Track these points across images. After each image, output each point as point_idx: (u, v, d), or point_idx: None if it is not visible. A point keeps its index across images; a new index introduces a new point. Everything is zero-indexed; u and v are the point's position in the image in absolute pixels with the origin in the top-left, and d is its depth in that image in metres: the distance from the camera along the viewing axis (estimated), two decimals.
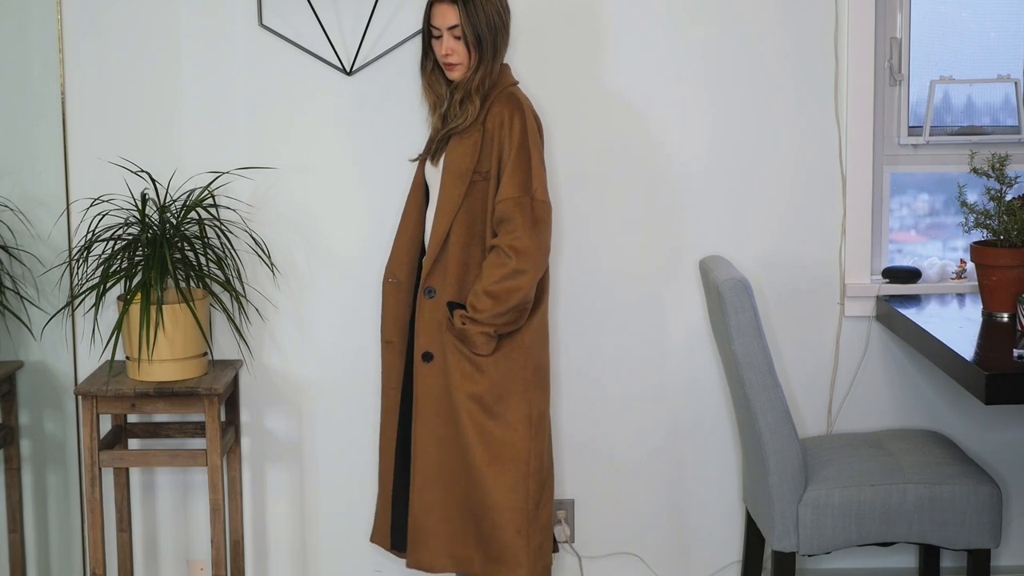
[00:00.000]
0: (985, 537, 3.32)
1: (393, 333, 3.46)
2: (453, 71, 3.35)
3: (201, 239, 3.53)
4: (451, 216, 3.31)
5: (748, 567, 3.72)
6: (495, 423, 3.32)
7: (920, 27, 3.84)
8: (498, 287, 3.25)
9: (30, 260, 3.76)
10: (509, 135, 3.28)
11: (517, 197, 3.26)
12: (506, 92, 3.35)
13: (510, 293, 3.25)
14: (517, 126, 3.29)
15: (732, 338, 3.30)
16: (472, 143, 3.31)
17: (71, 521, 3.88)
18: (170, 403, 3.46)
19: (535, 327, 3.38)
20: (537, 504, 3.37)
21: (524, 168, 3.28)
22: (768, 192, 3.81)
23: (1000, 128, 3.91)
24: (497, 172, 3.30)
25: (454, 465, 3.36)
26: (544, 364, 3.43)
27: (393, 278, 3.45)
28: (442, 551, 3.37)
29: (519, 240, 3.24)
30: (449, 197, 3.33)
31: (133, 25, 3.70)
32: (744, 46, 3.76)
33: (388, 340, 3.47)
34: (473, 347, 3.29)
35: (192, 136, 3.74)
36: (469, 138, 3.32)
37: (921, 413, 3.89)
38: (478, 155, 3.31)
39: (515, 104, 3.32)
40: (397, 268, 3.45)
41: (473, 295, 3.28)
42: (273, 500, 3.90)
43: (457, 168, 3.32)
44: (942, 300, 3.78)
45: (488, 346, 3.30)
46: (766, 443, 3.32)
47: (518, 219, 3.25)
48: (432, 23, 3.34)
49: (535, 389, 3.38)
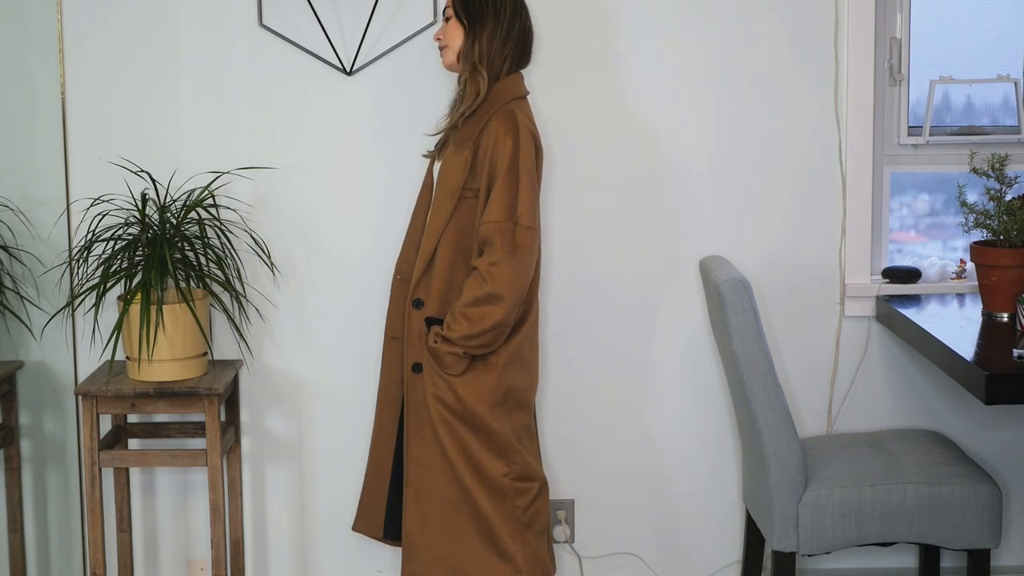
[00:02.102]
0: (985, 537, 3.32)
1: (397, 329, 3.44)
2: (443, 56, 3.34)
3: (201, 239, 3.53)
4: (439, 231, 3.28)
5: (748, 567, 3.72)
6: (471, 438, 3.28)
7: (920, 27, 3.84)
8: (473, 310, 3.19)
9: (30, 260, 3.76)
10: (500, 155, 3.20)
11: (500, 221, 3.18)
12: (506, 109, 3.25)
13: (484, 317, 3.18)
14: (509, 146, 3.20)
15: (732, 338, 3.30)
16: (463, 159, 3.26)
17: (71, 521, 3.88)
18: (170, 403, 3.46)
19: (512, 349, 3.29)
20: (525, 510, 3.33)
21: (511, 191, 3.19)
22: (768, 192, 3.81)
23: (1000, 128, 3.91)
24: (487, 190, 3.23)
25: (446, 475, 3.31)
26: (519, 386, 3.33)
27: (400, 275, 3.44)
28: (437, 564, 3.34)
29: (496, 266, 3.17)
30: (439, 211, 3.30)
31: (133, 25, 3.70)
32: (744, 46, 3.76)
33: (392, 336, 3.45)
34: (443, 366, 3.24)
35: (192, 136, 3.74)
36: (461, 154, 3.27)
37: (921, 413, 3.89)
38: (468, 171, 3.25)
39: (511, 123, 3.22)
40: (404, 265, 3.44)
41: (450, 314, 3.22)
42: (273, 500, 3.90)
43: (448, 183, 3.29)
44: (942, 300, 3.78)
45: (458, 366, 3.24)
46: (766, 443, 3.32)
47: (498, 244, 3.18)
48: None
49: (501, 410, 3.30)
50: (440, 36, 3.34)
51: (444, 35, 3.33)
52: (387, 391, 3.47)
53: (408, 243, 3.45)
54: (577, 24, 3.73)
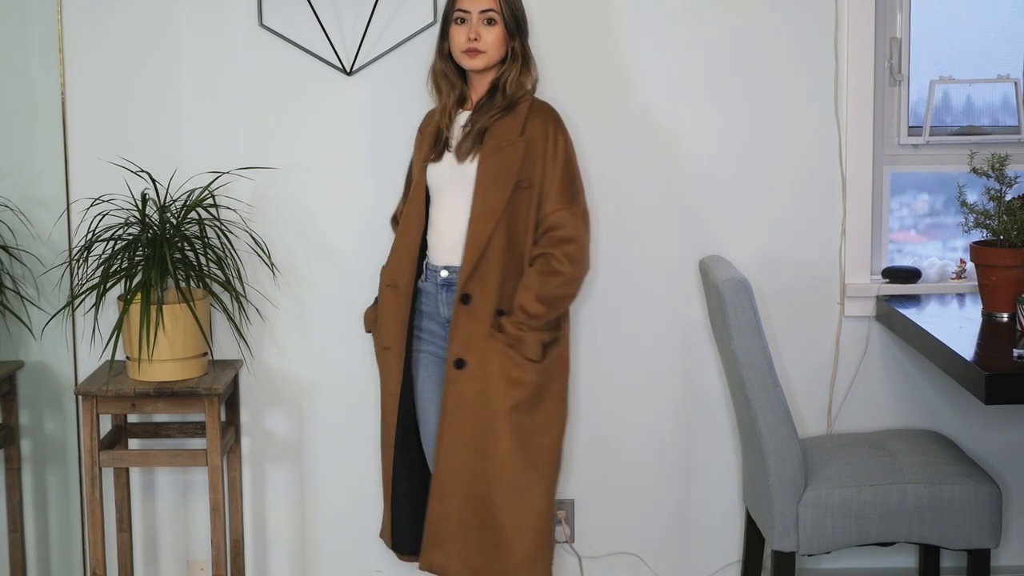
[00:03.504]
0: (985, 537, 3.32)
1: (392, 339, 3.42)
2: (476, 59, 3.32)
3: (201, 239, 3.53)
4: (493, 223, 3.30)
5: (748, 567, 3.72)
6: (533, 427, 3.33)
7: (920, 27, 3.84)
8: (552, 293, 3.29)
9: (30, 260, 3.76)
10: (554, 148, 3.33)
11: (568, 208, 3.32)
12: (539, 102, 3.38)
13: (561, 300, 3.33)
14: (561, 140, 3.35)
15: (732, 338, 3.30)
16: (516, 151, 3.30)
17: (71, 521, 3.88)
18: (170, 403, 3.46)
19: (567, 334, 3.43)
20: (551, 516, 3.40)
21: (572, 180, 3.36)
22: (768, 192, 3.81)
23: (1000, 128, 3.91)
24: (540, 182, 3.32)
25: (478, 474, 3.33)
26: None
27: (393, 283, 3.42)
28: (456, 557, 3.35)
29: (572, 249, 3.31)
30: (488, 203, 3.30)
31: (133, 25, 3.70)
32: (744, 46, 3.76)
33: (386, 346, 3.44)
34: (528, 353, 3.30)
35: (192, 136, 3.74)
36: (512, 146, 3.31)
37: (921, 413, 3.89)
38: (523, 163, 3.31)
39: (555, 116, 3.37)
40: (399, 274, 3.41)
41: (526, 301, 3.28)
42: (273, 500, 3.90)
43: (498, 175, 3.30)
44: (942, 300, 3.78)
45: (540, 352, 3.32)
46: (766, 443, 3.32)
47: (570, 228, 3.31)
48: (460, 6, 3.31)
49: (566, 393, 3.43)
50: (477, 37, 3.30)
51: (483, 39, 3.30)
52: (387, 403, 3.46)
53: (401, 251, 3.42)
54: (576, 24, 3.73)
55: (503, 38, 3.32)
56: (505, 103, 3.33)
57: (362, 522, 3.85)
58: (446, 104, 3.40)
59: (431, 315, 3.42)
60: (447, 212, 3.37)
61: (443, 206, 3.38)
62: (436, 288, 3.39)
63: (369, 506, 3.83)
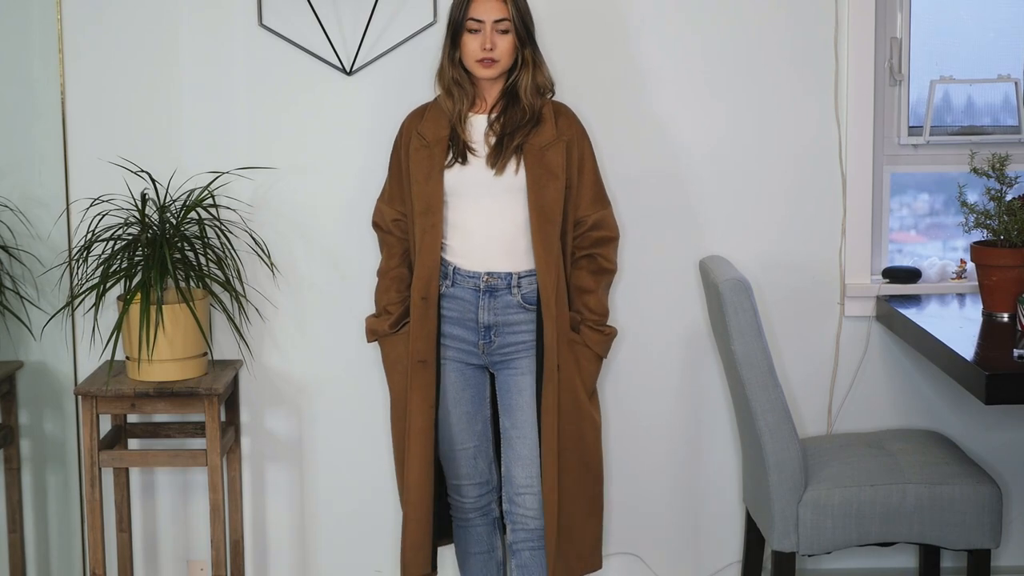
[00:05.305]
0: (985, 537, 3.32)
1: (428, 352, 3.38)
2: (490, 68, 3.32)
3: (201, 239, 3.53)
4: (558, 227, 3.35)
5: (748, 567, 3.72)
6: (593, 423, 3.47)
7: (920, 27, 3.84)
8: (606, 292, 3.49)
9: (30, 260, 3.76)
10: (588, 148, 3.43)
11: (608, 208, 3.46)
12: (556, 103, 3.44)
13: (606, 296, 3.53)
14: (587, 140, 3.44)
15: (732, 338, 3.30)
16: (558, 151, 3.35)
17: (71, 521, 3.88)
18: (170, 403, 3.46)
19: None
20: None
21: (600, 179, 3.47)
22: (768, 192, 3.81)
23: (1000, 128, 3.91)
24: (576, 182, 3.39)
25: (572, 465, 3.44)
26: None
27: (425, 295, 3.37)
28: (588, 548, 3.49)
29: (614, 249, 3.48)
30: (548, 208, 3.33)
31: (133, 25, 3.70)
32: (744, 46, 3.76)
33: (423, 360, 3.38)
34: (601, 350, 3.46)
35: (192, 136, 3.74)
36: (553, 147, 3.35)
37: (921, 413, 3.89)
38: (566, 161, 3.37)
39: (577, 117, 3.45)
40: (430, 285, 3.36)
41: (593, 302, 3.44)
42: (273, 500, 3.90)
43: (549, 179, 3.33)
44: (942, 300, 3.78)
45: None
46: (766, 443, 3.32)
47: (613, 229, 3.45)
48: (473, 15, 3.30)
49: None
50: (493, 46, 3.30)
51: (498, 49, 3.31)
52: (423, 417, 3.38)
53: (430, 264, 3.36)
54: (576, 25, 3.73)
55: (515, 46, 3.34)
56: (532, 115, 3.35)
57: (362, 522, 3.85)
58: (460, 110, 3.38)
59: (461, 322, 3.39)
60: (482, 217, 3.35)
61: (475, 211, 3.36)
62: (475, 295, 3.37)
63: (369, 506, 3.84)
